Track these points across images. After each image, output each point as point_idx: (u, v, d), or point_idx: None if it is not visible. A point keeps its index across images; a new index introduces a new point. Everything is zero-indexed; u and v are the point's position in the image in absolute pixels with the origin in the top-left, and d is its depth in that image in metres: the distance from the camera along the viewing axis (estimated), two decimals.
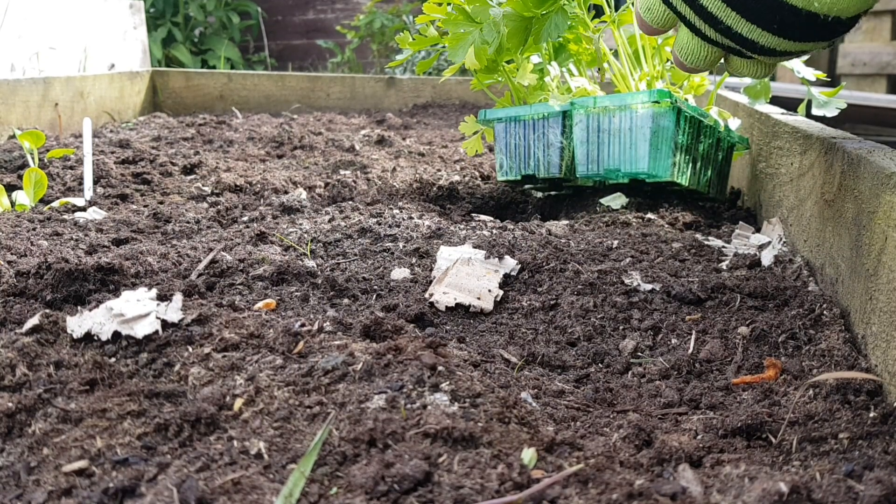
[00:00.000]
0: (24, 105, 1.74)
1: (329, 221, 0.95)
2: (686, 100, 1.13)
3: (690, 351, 0.63)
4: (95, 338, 0.57)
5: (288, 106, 2.39)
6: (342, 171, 1.39)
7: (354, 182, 1.26)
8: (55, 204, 1.08)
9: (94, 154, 1.28)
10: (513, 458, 0.43)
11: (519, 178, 1.18)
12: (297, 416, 0.47)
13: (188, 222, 0.98)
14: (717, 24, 0.69)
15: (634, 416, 0.52)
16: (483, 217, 1.04)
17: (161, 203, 1.12)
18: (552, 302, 0.71)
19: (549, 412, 0.53)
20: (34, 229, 0.90)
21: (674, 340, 0.65)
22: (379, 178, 1.31)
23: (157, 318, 0.59)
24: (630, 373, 0.61)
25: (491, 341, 0.65)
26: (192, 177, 1.30)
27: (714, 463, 0.45)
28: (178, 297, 0.62)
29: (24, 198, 1.07)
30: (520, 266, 0.77)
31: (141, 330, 0.57)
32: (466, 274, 0.73)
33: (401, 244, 0.84)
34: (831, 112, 1.01)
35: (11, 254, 0.79)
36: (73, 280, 0.70)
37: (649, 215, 1.04)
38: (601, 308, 0.70)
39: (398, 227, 0.91)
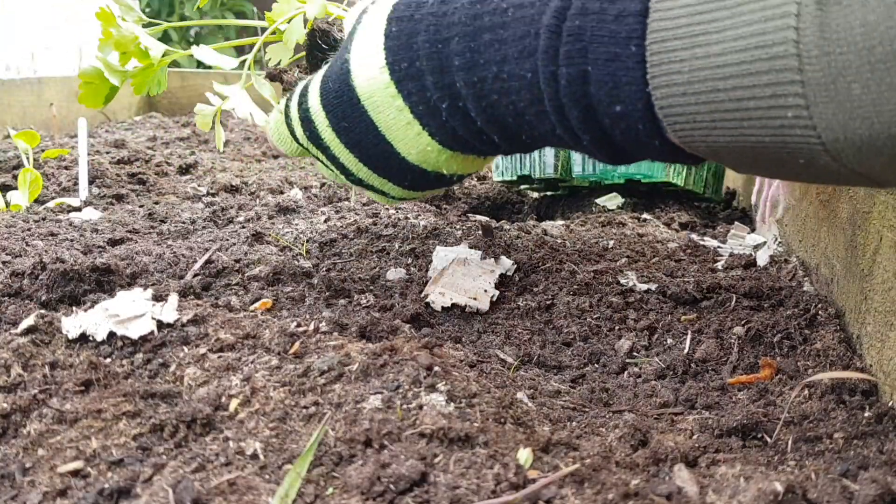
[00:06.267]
0: (19, 105, 1.74)
1: (325, 221, 0.95)
2: None
3: (686, 351, 0.63)
4: (91, 338, 0.57)
5: None
6: None
7: None
8: (50, 204, 1.08)
9: (89, 154, 1.28)
10: (509, 458, 0.43)
11: (515, 178, 1.18)
12: (293, 416, 0.47)
13: (184, 222, 0.98)
14: (349, 174, 0.69)
15: (630, 417, 0.52)
16: (479, 217, 1.04)
17: (157, 203, 1.12)
18: (548, 302, 0.71)
19: (546, 412, 0.53)
20: (29, 230, 0.90)
21: (669, 340, 0.65)
22: None
23: (153, 318, 0.59)
24: (626, 373, 0.61)
25: (487, 341, 0.65)
26: (188, 177, 1.30)
27: (710, 463, 0.46)
28: (173, 298, 0.62)
29: (19, 198, 1.07)
30: (516, 266, 0.77)
31: (136, 330, 0.57)
32: (462, 274, 0.73)
33: (397, 244, 0.84)
34: None
35: (6, 254, 0.79)
36: (69, 280, 0.70)
37: (645, 215, 1.04)
38: (597, 308, 0.70)
39: (394, 227, 0.91)
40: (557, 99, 0.51)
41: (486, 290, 0.72)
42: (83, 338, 0.57)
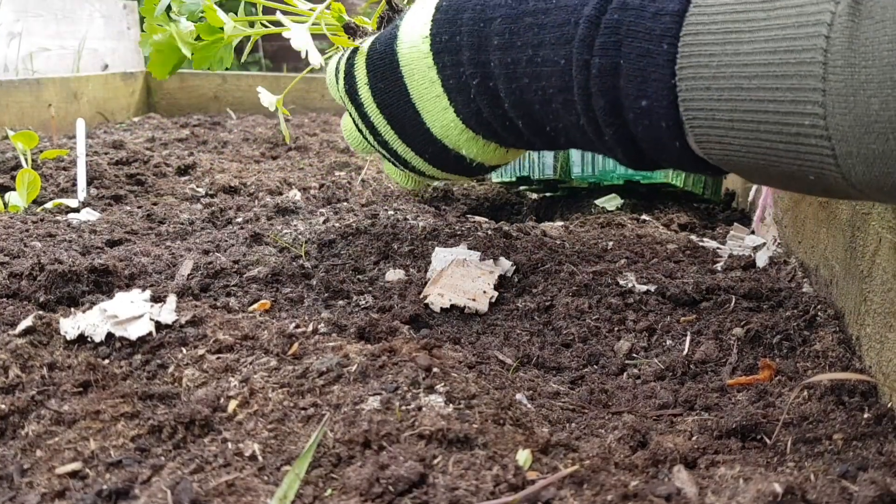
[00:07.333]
0: (17, 106, 1.74)
1: (324, 223, 0.95)
2: None
3: (685, 352, 0.63)
4: (89, 339, 0.57)
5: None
6: (337, 173, 1.39)
7: (349, 183, 1.26)
8: (49, 205, 1.08)
9: (87, 155, 1.28)
10: (508, 459, 0.43)
11: (514, 179, 1.18)
12: (292, 417, 0.47)
13: (182, 223, 0.98)
14: (377, 134, 0.73)
15: (629, 418, 0.52)
16: (478, 218, 1.04)
17: (155, 204, 1.11)
18: (547, 303, 0.71)
19: (545, 413, 0.53)
20: (27, 230, 0.90)
21: (669, 342, 0.65)
22: (374, 180, 1.31)
23: (151, 319, 0.59)
24: (625, 374, 0.61)
25: (486, 343, 0.65)
26: (187, 178, 1.30)
27: (709, 464, 0.45)
28: (171, 299, 0.62)
29: (17, 199, 1.07)
30: (515, 267, 0.77)
31: (134, 331, 0.57)
32: (461, 275, 0.73)
33: (395, 245, 0.84)
34: None
35: (4, 255, 0.79)
36: (67, 281, 0.70)
37: (644, 217, 1.04)
38: (596, 309, 0.70)
39: (393, 228, 0.91)
40: (587, 88, 0.52)
41: (485, 292, 0.72)
42: (81, 339, 0.57)
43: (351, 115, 0.75)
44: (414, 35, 0.65)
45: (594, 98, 0.52)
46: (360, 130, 0.75)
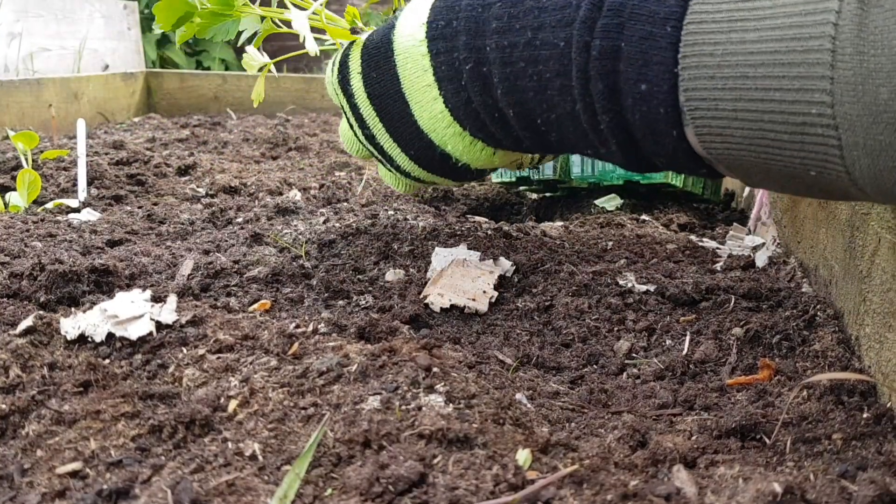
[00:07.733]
0: (17, 106, 1.74)
1: (324, 223, 0.95)
2: None
3: (685, 352, 0.63)
4: (89, 339, 0.57)
5: (283, 107, 2.39)
6: (337, 173, 1.39)
7: (349, 183, 1.26)
8: (49, 205, 1.08)
9: (88, 155, 1.28)
10: (507, 459, 0.43)
11: (513, 179, 1.18)
12: (292, 417, 0.47)
13: (182, 223, 0.98)
14: (365, 127, 0.72)
15: (629, 417, 0.52)
16: (478, 218, 1.04)
17: (155, 204, 1.12)
18: (547, 303, 0.71)
19: (544, 413, 0.53)
20: (28, 231, 0.90)
21: (668, 341, 0.65)
22: (374, 180, 1.31)
23: (152, 319, 0.59)
24: (625, 374, 0.61)
25: (486, 342, 0.65)
26: (187, 178, 1.30)
27: (708, 464, 0.46)
28: (172, 299, 0.62)
29: (17, 199, 1.07)
30: (514, 267, 0.77)
31: (135, 331, 0.57)
32: (461, 275, 0.73)
33: (395, 245, 0.84)
34: None
35: (5, 255, 0.79)
36: (67, 281, 0.70)
37: (644, 217, 1.04)
38: (596, 309, 0.70)
39: (393, 228, 0.91)
40: (585, 71, 0.51)
41: (484, 292, 0.72)
42: (82, 339, 0.57)
43: (342, 109, 0.74)
44: (411, 23, 0.65)
45: (593, 82, 0.51)
46: (350, 125, 0.74)
